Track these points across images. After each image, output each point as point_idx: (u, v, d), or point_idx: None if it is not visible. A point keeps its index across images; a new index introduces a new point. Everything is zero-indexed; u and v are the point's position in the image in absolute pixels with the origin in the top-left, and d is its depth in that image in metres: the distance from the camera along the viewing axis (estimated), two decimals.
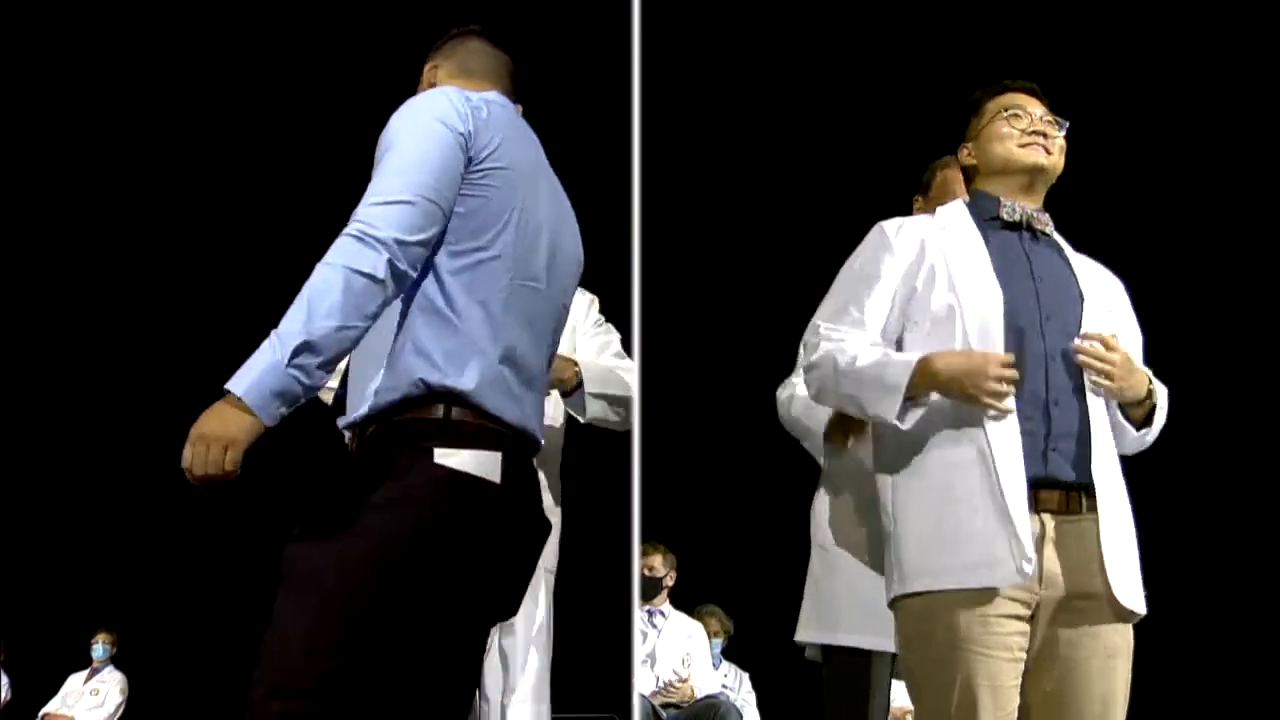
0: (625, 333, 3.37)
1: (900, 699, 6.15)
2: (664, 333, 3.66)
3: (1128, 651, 2.33)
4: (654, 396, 3.18)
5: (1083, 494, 2.33)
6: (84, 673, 8.33)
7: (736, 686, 6.63)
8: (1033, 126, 2.51)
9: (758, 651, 6.73)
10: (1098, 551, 2.29)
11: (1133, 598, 2.32)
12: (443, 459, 1.96)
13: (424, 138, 2.01)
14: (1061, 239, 2.58)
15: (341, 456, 2.08)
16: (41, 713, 8.20)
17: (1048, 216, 2.54)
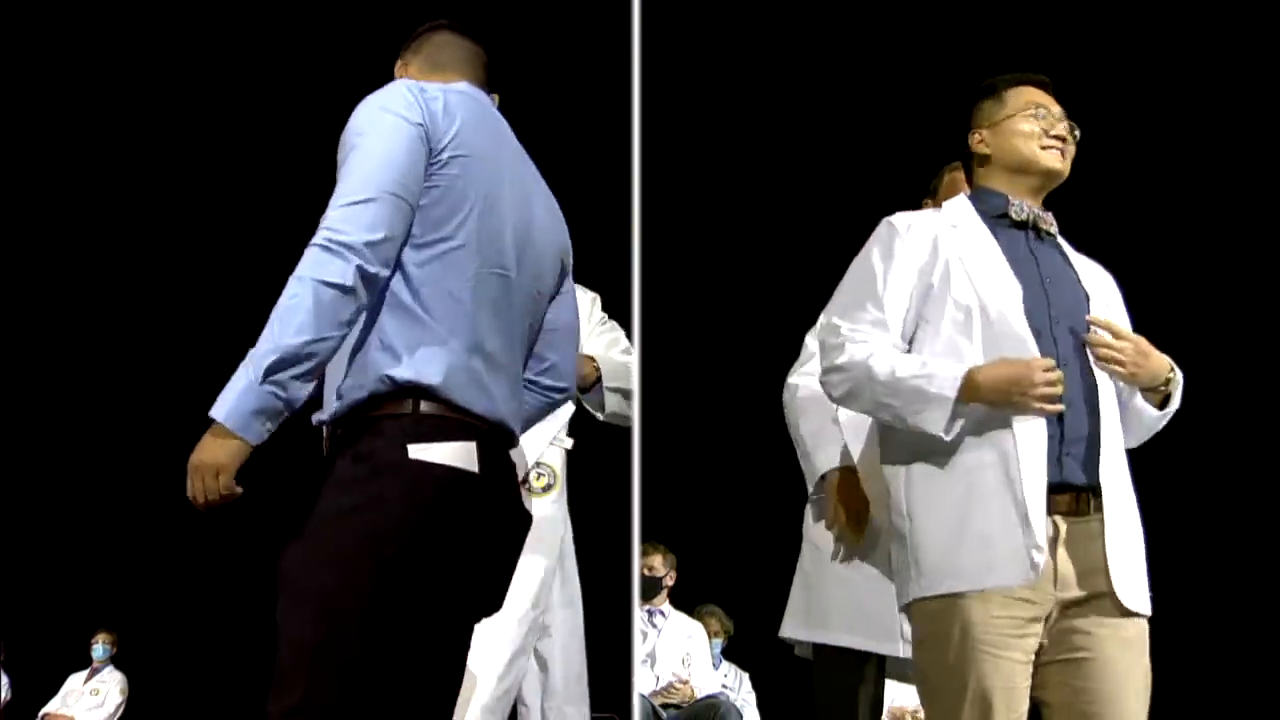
0: (625, 333, 3.37)
1: (899, 699, 6.13)
2: (664, 332, 3.65)
3: (1143, 644, 2.33)
4: (654, 396, 3.18)
5: (1090, 495, 2.33)
6: (84, 673, 8.32)
7: (736, 686, 6.62)
8: (1054, 129, 2.48)
9: (758, 651, 6.72)
10: (1103, 552, 2.29)
11: (1136, 598, 2.32)
12: (418, 454, 1.93)
13: (383, 133, 1.98)
14: (1060, 238, 2.57)
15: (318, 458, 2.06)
16: (41, 713, 8.19)
17: (1051, 216, 2.53)
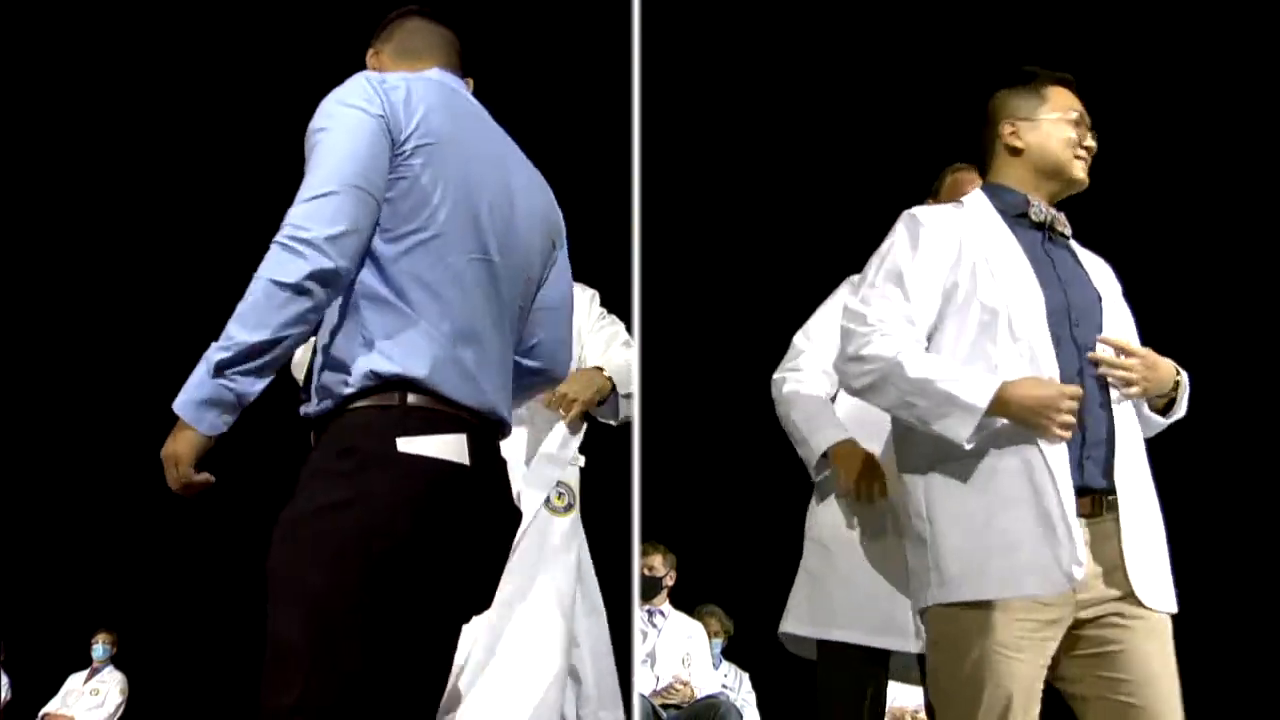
0: (625, 329, 3.36)
1: (899, 699, 6.12)
2: (664, 332, 3.65)
3: (1169, 637, 2.34)
4: (654, 396, 3.17)
5: (1105, 496, 2.34)
6: (84, 673, 8.32)
7: (736, 686, 6.62)
8: (1085, 140, 2.49)
9: (758, 651, 6.72)
10: (1120, 551, 2.30)
11: (1158, 596, 2.33)
12: (406, 447, 1.91)
13: (344, 127, 1.97)
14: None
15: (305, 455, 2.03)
16: (41, 713, 8.19)
17: (1065, 217, 2.52)
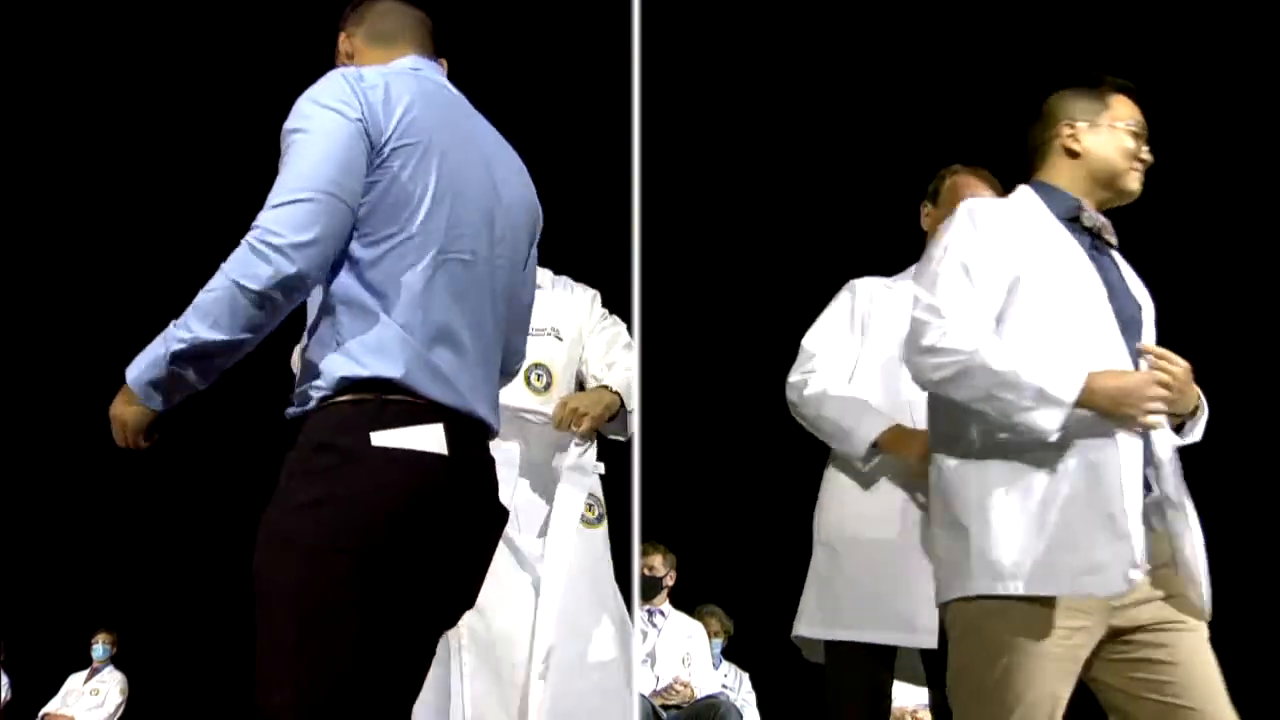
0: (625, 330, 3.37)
1: (900, 699, 6.14)
2: (664, 332, 3.65)
3: (1207, 639, 2.35)
4: (654, 396, 3.17)
5: (1160, 502, 2.35)
6: (84, 673, 8.33)
7: (736, 686, 6.62)
8: (1142, 152, 2.48)
9: (758, 651, 6.73)
10: (1172, 557, 2.33)
11: (1205, 604, 2.34)
12: (382, 440, 1.91)
13: (320, 129, 1.94)
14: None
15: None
16: (41, 713, 8.20)
17: (1111, 225, 2.51)
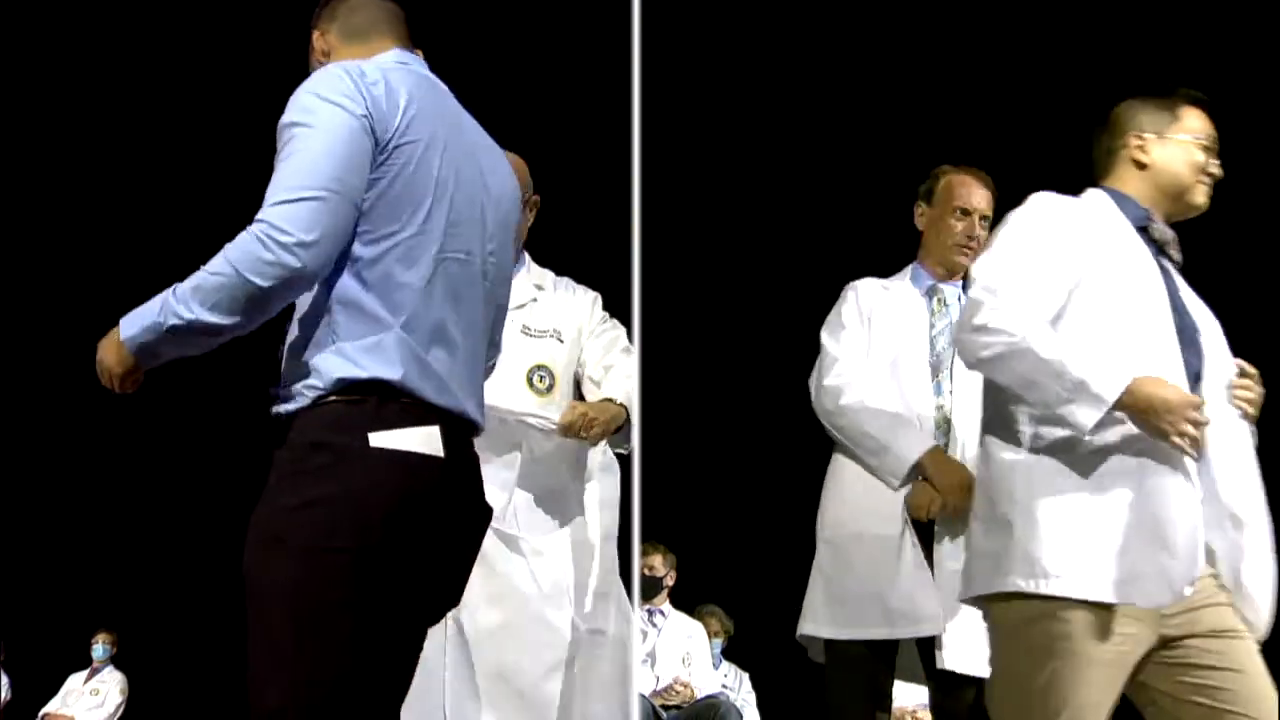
0: (626, 332, 3.36)
1: (900, 699, 6.13)
2: (664, 333, 3.65)
3: (1255, 643, 2.35)
4: (654, 396, 3.17)
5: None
6: (84, 673, 8.33)
7: (736, 686, 6.62)
8: (1210, 166, 2.46)
9: (758, 651, 6.73)
10: (1227, 571, 2.32)
11: (1267, 618, 2.34)
12: (379, 441, 1.90)
13: (324, 124, 1.92)
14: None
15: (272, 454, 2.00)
16: (41, 713, 8.20)
17: (1178, 241, 2.49)
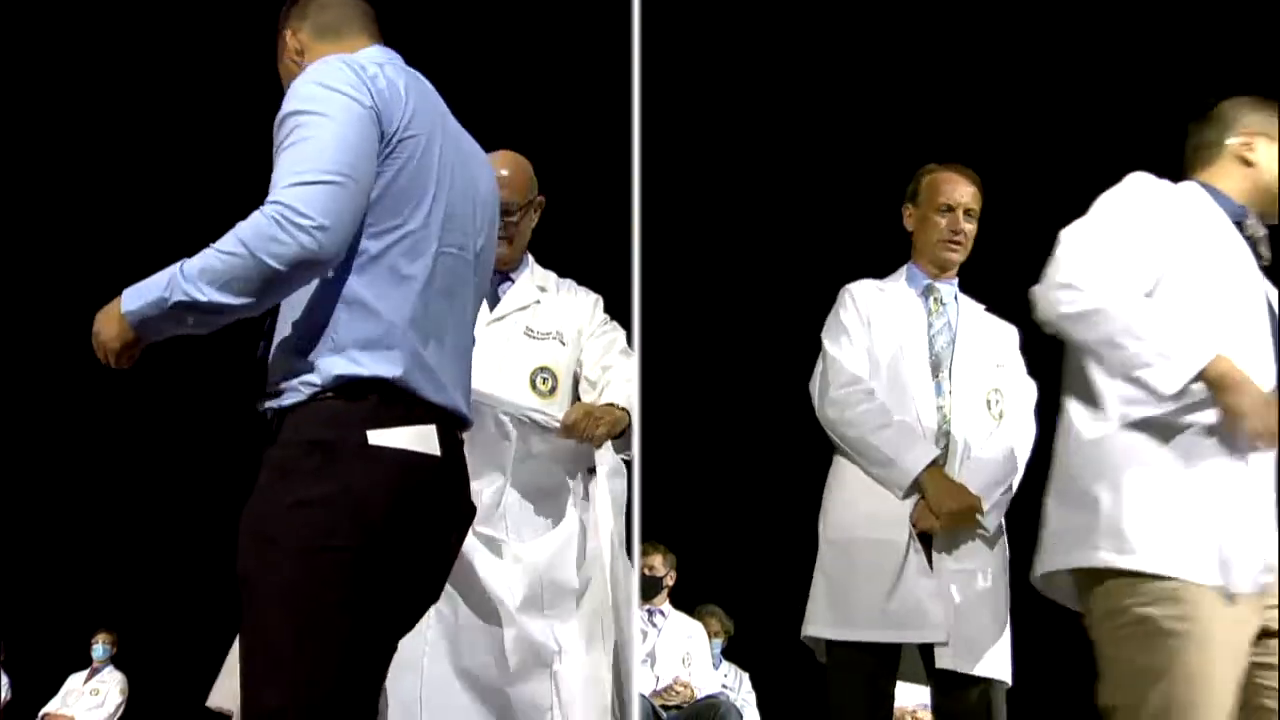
0: (625, 333, 3.36)
1: (900, 699, 6.14)
2: (664, 333, 3.64)
3: None
4: (654, 396, 3.17)
5: None
6: (84, 673, 8.33)
7: (736, 686, 6.62)
8: None
9: (758, 651, 6.73)
10: None
11: None
12: (378, 440, 1.90)
13: (334, 113, 1.91)
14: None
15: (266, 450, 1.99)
16: (41, 713, 8.20)
17: (1268, 238, 2.51)
